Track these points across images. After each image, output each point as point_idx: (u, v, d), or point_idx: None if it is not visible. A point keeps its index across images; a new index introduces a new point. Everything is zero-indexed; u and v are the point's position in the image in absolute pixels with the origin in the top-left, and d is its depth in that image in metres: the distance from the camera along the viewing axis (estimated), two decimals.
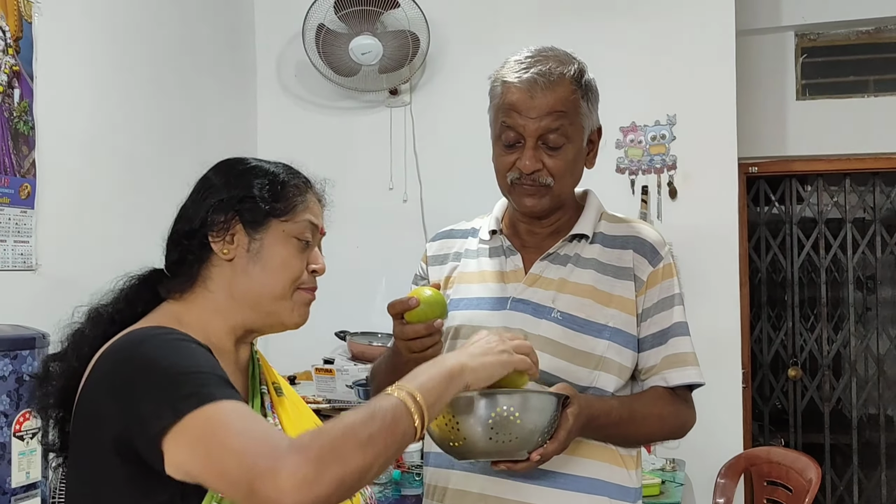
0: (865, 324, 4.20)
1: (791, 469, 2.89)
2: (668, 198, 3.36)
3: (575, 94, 1.50)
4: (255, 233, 1.22)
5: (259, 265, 1.21)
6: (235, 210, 1.21)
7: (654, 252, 1.57)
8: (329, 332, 3.46)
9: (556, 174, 1.51)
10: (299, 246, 1.24)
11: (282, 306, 1.23)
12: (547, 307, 1.53)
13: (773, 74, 3.85)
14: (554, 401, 1.33)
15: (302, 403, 1.36)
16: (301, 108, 3.76)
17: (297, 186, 1.26)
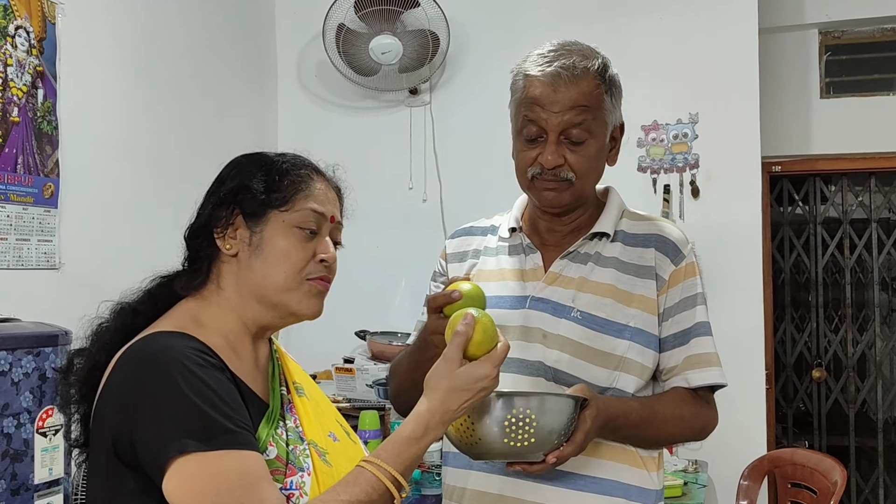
0: (891, 325, 4.15)
1: (815, 471, 2.86)
2: (690, 197, 3.33)
3: (599, 88, 1.48)
4: (255, 225, 1.20)
5: (261, 258, 1.20)
6: (235, 203, 1.21)
7: (677, 250, 1.54)
8: (349, 331, 3.46)
9: (577, 170, 1.48)
10: (302, 236, 1.22)
11: (288, 298, 1.21)
12: (567, 306, 1.51)
13: (797, 72, 3.81)
14: (571, 403, 1.31)
15: (326, 402, 1.34)
16: (321, 107, 3.77)
17: (298, 175, 1.24)
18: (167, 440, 1.03)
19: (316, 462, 1.15)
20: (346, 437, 1.29)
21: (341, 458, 1.21)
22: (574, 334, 1.49)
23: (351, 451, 1.27)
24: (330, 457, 1.19)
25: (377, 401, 3.07)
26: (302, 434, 1.19)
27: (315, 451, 1.17)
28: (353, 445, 1.30)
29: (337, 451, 1.22)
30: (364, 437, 2.83)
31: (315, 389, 1.35)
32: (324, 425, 1.25)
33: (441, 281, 1.68)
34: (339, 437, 1.26)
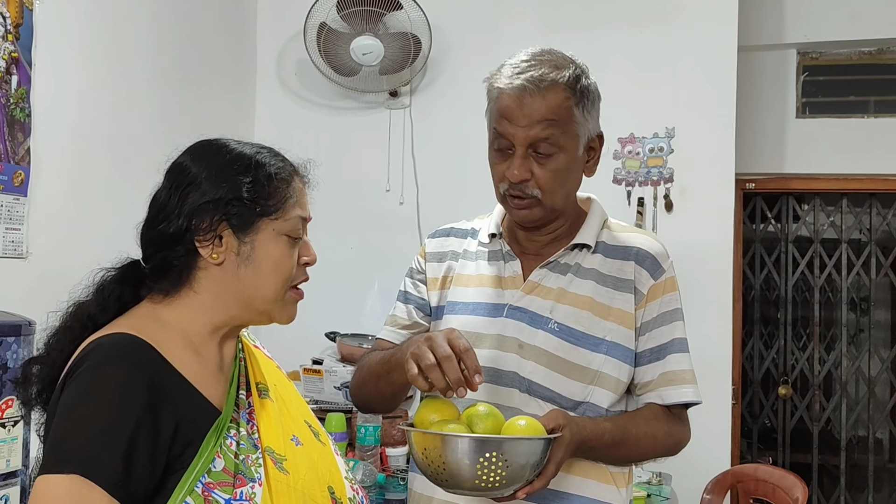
0: (858, 345, 4.20)
1: (778, 487, 2.88)
2: (663, 210, 3.35)
3: (568, 101, 1.45)
4: (244, 235, 1.17)
5: (251, 268, 1.17)
6: (223, 214, 1.15)
7: (657, 265, 1.53)
8: (319, 332, 3.44)
9: (543, 185, 1.46)
10: (290, 243, 1.20)
11: (274, 307, 1.21)
12: (544, 317, 1.49)
13: (774, 91, 3.85)
14: (544, 443, 1.30)
15: (296, 402, 1.31)
16: (300, 106, 3.75)
17: (284, 179, 1.21)
18: (45, 455, 1.05)
19: (270, 471, 1.12)
20: (312, 439, 1.26)
21: (302, 463, 1.18)
22: (550, 346, 1.47)
23: (316, 453, 1.23)
24: (288, 464, 1.15)
25: (345, 403, 3.05)
26: (257, 441, 1.15)
27: (270, 459, 1.14)
28: (321, 448, 1.27)
29: (298, 457, 1.19)
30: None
31: (286, 388, 1.32)
32: (287, 428, 1.21)
33: (418, 279, 1.66)
34: (303, 441, 1.23)
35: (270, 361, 1.36)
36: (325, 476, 1.20)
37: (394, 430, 2.94)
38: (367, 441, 2.77)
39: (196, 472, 1.06)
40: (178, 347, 1.15)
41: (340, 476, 1.24)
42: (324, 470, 1.21)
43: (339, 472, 1.25)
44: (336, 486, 1.21)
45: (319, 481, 1.18)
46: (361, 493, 1.28)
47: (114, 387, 1.05)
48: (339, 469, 1.25)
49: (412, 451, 1.34)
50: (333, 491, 1.19)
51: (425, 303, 1.64)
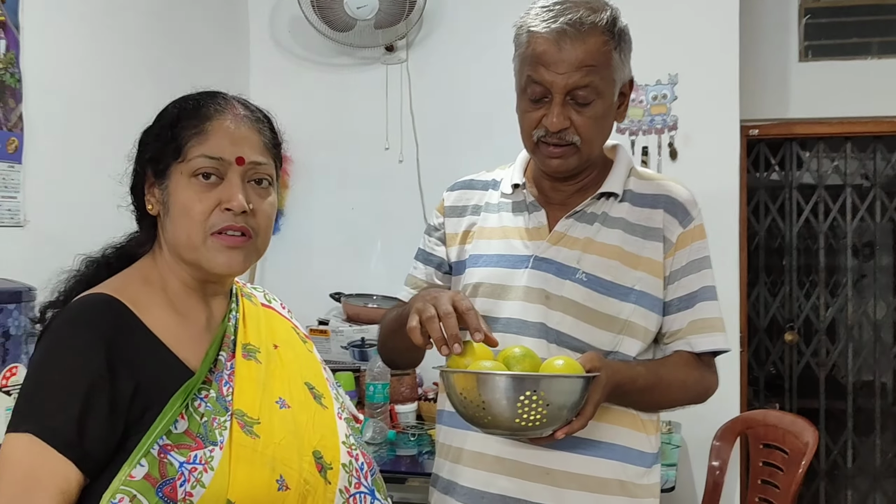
0: (862, 290, 4.18)
1: (788, 432, 2.88)
2: (668, 159, 3.31)
3: (607, 45, 1.41)
4: (162, 183, 1.16)
5: (169, 216, 1.16)
6: (146, 163, 1.18)
7: (686, 212, 1.50)
8: (324, 292, 3.43)
9: (583, 133, 1.42)
10: (200, 185, 1.13)
11: (197, 255, 1.15)
12: (572, 267, 1.47)
13: (776, 35, 3.78)
14: (583, 382, 1.29)
15: (296, 365, 1.26)
16: (295, 64, 3.69)
17: (189, 121, 1.16)
18: (12, 412, 1.06)
19: (234, 434, 1.09)
20: (307, 402, 1.22)
21: (282, 427, 1.14)
22: (578, 296, 1.45)
23: (306, 416, 1.19)
24: (261, 427, 1.12)
25: (352, 362, 3.05)
26: (228, 404, 1.11)
27: (238, 423, 1.10)
28: (319, 411, 1.22)
29: (278, 420, 1.15)
30: None
31: (293, 349, 1.28)
32: (272, 391, 1.17)
33: (436, 236, 1.63)
34: (293, 403, 1.18)
35: (285, 322, 1.33)
36: (312, 440, 1.16)
37: (400, 383, 2.93)
38: (376, 399, 2.77)
39: (155, 433, 1.04)
40: (158, 307, 1.15)
41: (336, 441, 1.20)
42: (312, 434, 1.17)
43: (335, 436, 1.20)
44: (327, 450, 1.17)
45: (302, 445, 1.15)
46: (363, 458, 1.24)
47: (68, 349, 1.06)
48: (338, 433, 1.21)
49: (450, 394, 1.32)
50: (321, 456, 1.16)
51: (444, 261, 1.62)
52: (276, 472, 1.09)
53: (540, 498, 1.44)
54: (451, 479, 1.53)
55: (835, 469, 4.12)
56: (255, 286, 1.38)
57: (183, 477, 1.03)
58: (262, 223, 1.18)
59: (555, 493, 1.44)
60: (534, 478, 1.44)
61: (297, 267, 3.65)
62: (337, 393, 1.30)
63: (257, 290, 1.36)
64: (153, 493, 1.02)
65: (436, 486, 1.58)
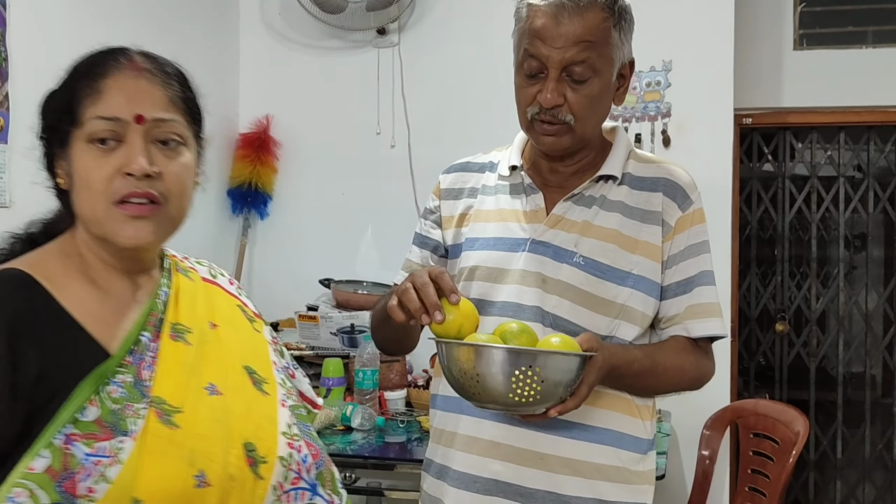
0: (854, 281, 4.18)
1: (778, 421, 2.87)
2: (661, 146, 3.29)
3: (606, 21, 1.39)
4: (64, 154, 1.07)
5: (75, 189, 1.06)
6: (49, 137, 1.09)
7: (685, 196, 1.49)
8: (313, 278, 3.40)
9: (577, 111, 1.40)
10: (98, 151, 1.03)
11: (104, 229, 1.05)
12: (569, 251, 1.45)
13: (771, 23, 3.76)
14: (579, 360, 1.27)
15: (236, 347, 1.16)
16: (285, 47, 3.64)
17: (82, 81, 1.07)
18: None
19: (150, 424, 0.99)
20: (245, 388, 1.12)
21: (209, 415, 1.05)
22: (575, 280, 1.44)
23: (240, 404, 1.09)
24: (183, 416, 1.02)
25: (341, 349, 3.02)
26: (147, 390, 1.02)
27: (155, 411, 1.00)
28: (258, 398, 1.13)
29: (205, 408, 1.05)
30: (328, 384, 2.79)
31: (235, 329, 1.18)
32: (201, 376, 1.08)
33: (432, 219, 1.61)
34: (225, 390, 1.09)
35: (230, 299, 1.24)
36: (244, 430, 1.07)
37: (389, 369, 2.91)
38: (365, 385, 2.75)
39: (59, 421, 0.95)
40: (77, 283, 1.07)
41: (274, 431, 1.10)
42: (245, 423, 1.07)
43: (273, 426, 1.11)
44: (261, 442, 1.07)
45: (231, 437, 1.05)
46: (308, 450, 1.14)
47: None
48: (277, 423, 1.12)
49: (444, 366, 1.30)
50: (254, 448, 1.06)
51: (439, 244, 1.60)
52: (194, 467, 1.00)
53: (534, 483, 1.43)
54: (444, 463, 1.52)
55: (824, 460, 4.13)
56: (201, 260, 1.28)
57: (86, 471, 0.93)
58: (174, 188, 1.07)
59: (549, 478, 1.43)
60: (528, 463, 1.43)
61: (286, 252, 3.62)
62: (284, 378, 1.21)
63: (201, 265, 1.26)
64: (53, 488, 0.92)
65: (429, 471, 1.57)
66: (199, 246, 3.28)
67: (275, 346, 1.26)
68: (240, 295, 1.27)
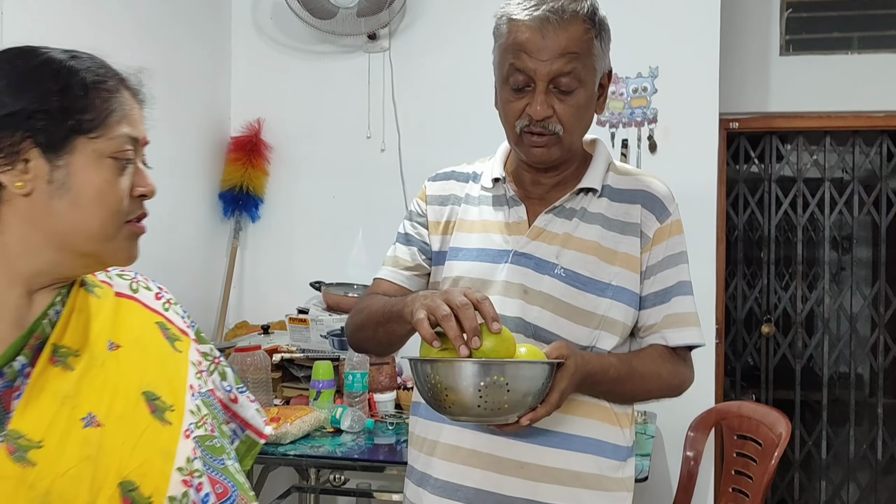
0: (839, 283, 4.23)
1: (761, 423, 2.91)
2: (647, 151, 3.32)
3: (588, 33, 1.42)
4: (56, 158, 0.95)
5: (67, 199, 0.96)
6: (26, 129, 0.94)
7: (663, 208, 1.51)
8: (304, 281, 3.42)
9: (565, 122, 1.43)
10: (117, 168, 0.98)
11: (103, 247, 0.99)
12: (550, 262, 1.47)
13: (757, 29, 3.80)
14: (547, 368, 1.29)
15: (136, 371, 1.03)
16: (277, 51, 3.67)
17: (107, 89, 1.00)
18: None
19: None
20: (131, 419, 1.00)
21: (78, 452, 0.94)
22: (556, 292, 1.46)
23: (124, 438, 0.97)
24: (42, 452, 0.91)
25: (331, 351, 3.05)
26: (6, 421, 0.91)
27: (7, 447, 0.90)
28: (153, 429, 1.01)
29: (74, 443, 0.94)
30: (318, 387, 2.82)
31: (136, 349, 1.06)
32: (80, 405, 0.96)
33: (419, 221, 1.63)
34: (105, 421, 0.97)
35: (148, 315, 1.12)
36: (123, 467, 0.96)
37: (379, 372, 2.94)
38: (354, 388, 2.77)
39: None
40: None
41: (167, 467, 0.99)
42: (128, 459, 0.96)
43: (167, 461, 0.99)
44: (146, 480, 0.96)
45: (103, 475, 0.94)
46: (209, 487, 1.03)
47: None
48: (174, 457, 1.00)
49: (416, 384, 1.32)
50: (135, 487, 0.95)
51: (427, 246, 1.61)
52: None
53: (514, 491, 1.45)
54: (425, 471, 1.54)
55: (809, 459, 4.18)
56: (124, 273, 1.16)
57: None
58: None
59: (529, 487, 1.45)
60: (508, 471, 1.45)
61: (277, 255, 3.65)
62: (200, 405, 1.09)
63: (122, 278, 1.15)
64: None
65: (410, 477, 1.59)
66: (190, 248, 3.33)
67: (214, 365, 1.18)
68: (166, 311, 1.15)
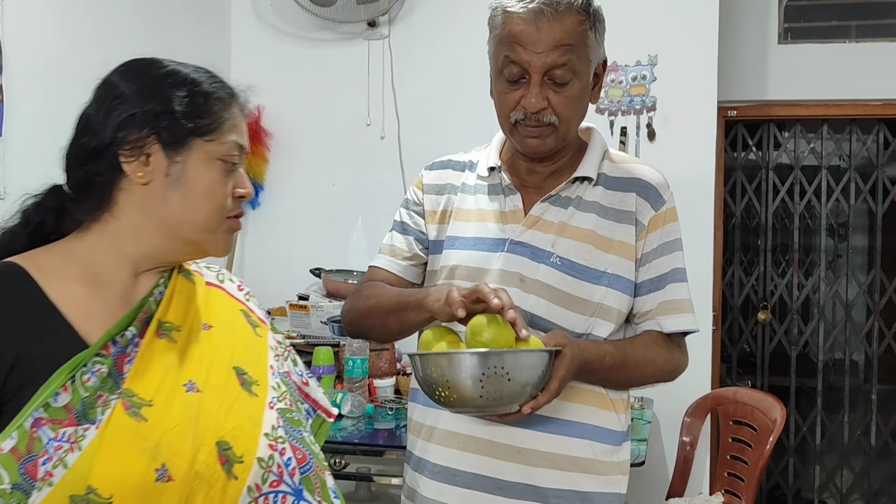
0: (836, 270, 4.25)
1: (756, 409, 2.94)
2: (646, 140, 3.34)
3: (583, 24, 1.42)
4: (175, 154, 1.10)
5: (180, 192, 1.10)
6: (152, 127, 1.09)
7: (658, 195, 1.53)
8: (304, 268, 3.44)
9: (560, 113, 1.44)
10: (224, 169, 1.13)
11: (205, 238, 1.13)
12: (546, 251, 1.49)
13: (756, 17, 3.81)
14: (546, 357, 1.31)
15: (227, 349, 1.18)
16: (276, 38, 3.67)
17: (221, 99, 1.13)
18: None
19: (115, 415, 1.02)
20: (230, 388, 1.14)
21: (181, 412, 1.07)
22: (552, 280, 1.47)
23: (221, 404, 1.11)
24: (153, 410, 1.04)
25: (332, 337, 3.07)
26: (121, 382, 1.05)
27: (123, 403, 1.03)
28: (243, 399, 1.14)
29: (179, 405, 1.07)
30: (318, 372, 2.84)
31: (231, 330, 1.21)
32: (181, 373, 1.10)
33: (415, 210, 1.63)
34: (206, 388, 1.11)
35: (233, 303, 1.27)
36: (220, 429, 1.08)
37: (378, 358, 2.97)
38: (354, 373, 2.80)
39: (33, 406, 0.99)
40: (69, 278, 1.09)
41: (255, 432, 1.12)
42: (223, 422, 1.09)
43: (255, 427, 1.13)
44: (238, 441, 1.09)
45: (203, 434, 1.07)
46: (292, 453, 1.15)
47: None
48: (261, 424, 1.14)
49: (417, 378, 1.35)
50: (230, 447, 1.08)
51: (424, 236, 1.62)
52: (157, 461, 1.02)
53: (511, 476, 1.47)
54: (422, 456, 1.56)
55: (804, 445, 4.21)
56: (210, 266, 1.32)
57: (47, 454, 0.97)
58: None
59: (526, 472, 1.47)
60: (506, 457, 1.47)
61: (277, 242, 3.67)
62: (280, 382, 1.23)
63: (210, 269, 1.30)
64: (15, 469, 0.97)
65: (409, 462, 1.61)
66: None
67: (287, 353, 1.31)
68: (247, 301, 1.30)
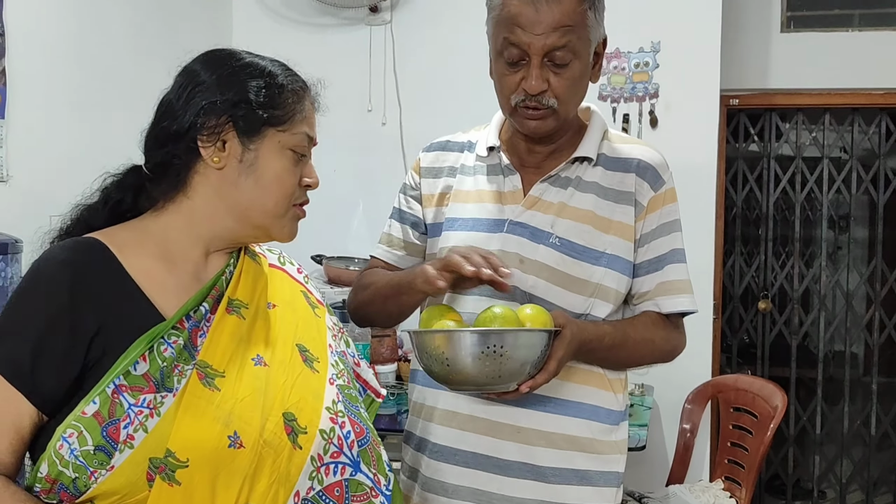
0: (836, 261, 4.25)
1: (757, 396, 2.95)
2: (648, 127, 3.34)
3: (582, 5, 1.41)
4: (249, 142, 1.15)
5: (252, 178, 1.16)
6: (229, 115, 1.14)
7: (657, 176, 1.52)
8: (305, 255, 3.44)
9: (560, 94, 1.43)
10: (294, 159, 1.18)
11: (272, 222, 1.19)
12: (545, 232, 1.49)
13: (759, 5, 3.79)
14: (545, 336, 1.32)
15: (290, 327, 1.23)
16: (278, 23, 3.67)
17: (295, 92, 1.19)
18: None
19: (191, 384, 1.08)
20: (294, 364, 1.20)
21: (251, 383, 1.12)
22: (552, 260, 1.48)
23: (286, 378, 1.17)
24: (225, 381, 1.10)
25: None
26: (196, 354, 1.11)
27: (198, 373, 1.09)
28: (306, 374, 1.20)
29: (248, 377, 1.13)
30: None
31: (293, 310, 1.26)
32: (249, 347, 1.16)
33: (412, 195, 1.63)
34: (273, 363, 1.17)
35: (294, 284, 1.33)
36: (286, 401, 1.14)
37: (380, 344, 2.97)
38: None
39: (114, 373, 1.05)
40: (145, 254, 1.15)
41: (318, 405, 1.17)
42: (289, 395, 1.15)
43: (318, 400, 1.18)
44: (303, 413, 1.15)
45: (271, 405, 1.12)
46: (351, 426, 1.21)
47: (34, 287, 1.09)
48: (323, 398, 1.19)
49: (417, 356, 1.36)
50: (295, 418, 1.13)
51: (420, 221, 1.62)
52: (229, 428, 1.07)
53: (510, 455, 1.48)
54: (423, 436, 1.57)
55: (803, 435, 4.22)
56: (272, 248, 1.37)
57: (129, 419, 1.04)
58: None
59: (525, 450, 1.48)
60: (505, 435, 1.48)
61: None
62: (338, 360, 1.28)
63: (272, 252, 1.36)
64: (98, 432, 1.03)
65: (409, 443, 1.62)
66: None
67: (341, 334, 1.36)
68: (306, 283, 1.37)
